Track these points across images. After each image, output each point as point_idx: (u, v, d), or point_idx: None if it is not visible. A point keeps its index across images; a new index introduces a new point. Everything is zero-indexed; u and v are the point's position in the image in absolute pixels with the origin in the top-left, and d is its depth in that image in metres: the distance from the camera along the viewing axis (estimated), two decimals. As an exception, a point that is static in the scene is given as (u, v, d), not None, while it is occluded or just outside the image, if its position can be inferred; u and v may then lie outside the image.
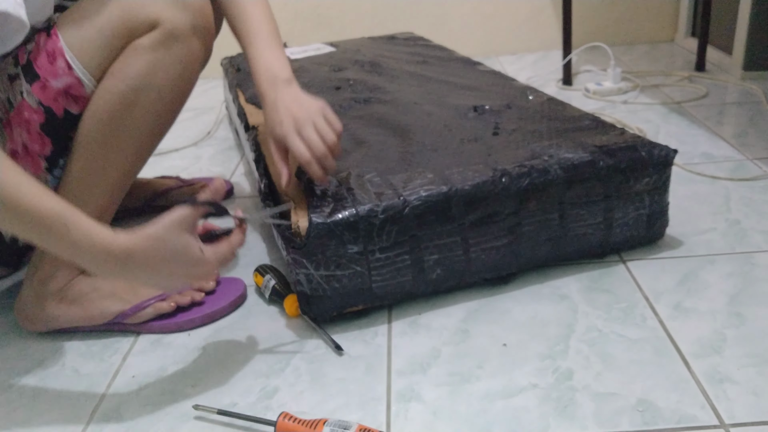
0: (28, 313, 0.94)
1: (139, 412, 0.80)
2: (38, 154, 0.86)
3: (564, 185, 0.93)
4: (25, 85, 0.84)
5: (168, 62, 0.86)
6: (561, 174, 0.92)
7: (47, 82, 0.84)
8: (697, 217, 1.12)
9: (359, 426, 0.71)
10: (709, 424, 0.71)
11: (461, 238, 0.90)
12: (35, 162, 0.86)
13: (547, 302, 0.93)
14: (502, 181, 0.90)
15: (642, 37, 2.36)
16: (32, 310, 0.93)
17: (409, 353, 0.85)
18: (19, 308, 0.95)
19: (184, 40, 0.86)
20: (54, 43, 0.84)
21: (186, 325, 0.94)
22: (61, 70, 0.84)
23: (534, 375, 0.79)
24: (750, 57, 1.82)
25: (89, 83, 0.85)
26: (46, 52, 0.84)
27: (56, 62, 0.84)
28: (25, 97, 0.84)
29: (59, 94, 0.85)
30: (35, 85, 0.84)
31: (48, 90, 0.84)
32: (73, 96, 0.85)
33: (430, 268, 0.91)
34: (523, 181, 0.91)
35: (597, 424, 0.72)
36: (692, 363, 0.79)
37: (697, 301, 0.90)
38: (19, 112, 0.84)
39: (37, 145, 0.86)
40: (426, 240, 0.89)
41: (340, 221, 0.85)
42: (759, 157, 1.32)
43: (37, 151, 0.86)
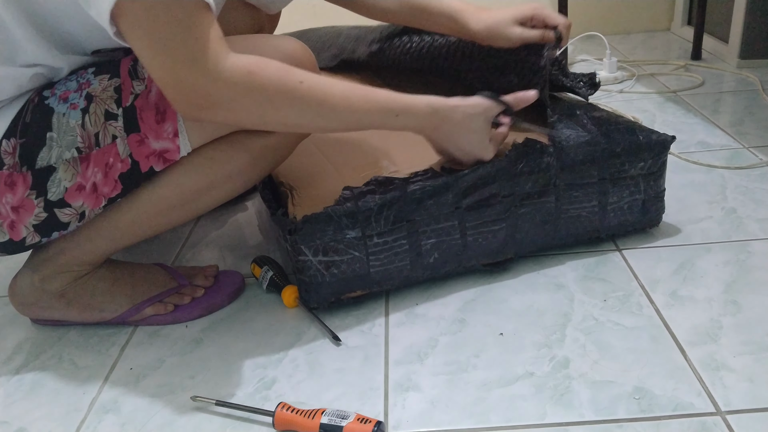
0: (26, 301, 0.92)
1: (138, 403, 0.80)
2: (105, 195, 0.81)
3: (559, 166, 0.93)
4: (122, 132, 0.78)
5: (267, 163, 0.89)
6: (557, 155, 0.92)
7: (146, 139, 0.79)
8: (693, 205, 1.12)
9: (357, 415, 0.71)
10: (705, 411, 0.71)
11: (458, 222, 0.90)
12: (97, 200, 0.81)
13: (544, 291, 0.93)
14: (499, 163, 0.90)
15: (638, 26, 2.35)
16: (30, 299, 0.92)
17: (407, 343, 0.86)
18: (14, 293, 0.93)
19: (292, 143, 0.90)
20: (167, 102, 0.78)
21: (184, 317, 0.94)
22: (166, 134, 0.79)
23: (531, 363, 0.80)
24: (746, 45, 1.81)
25: (185, 152, 0.82)
26: (156, 107, 0.78)
27: (164, 125, 0.79)
28: (117, 144, 0.79)
29: (153, 154, 0.80)
30: (133, 136, 0.79)
31: (144, 147, 0.79)
32: (165, 158, 0.81)
33: (428, 253, 0.91)
34: (519, 163, 0.91)
35: (593, 412, 0.72)
36: (688, 351, 0.80)
37: (693, 289, 0.91)
38: (104, 154, 0.79)
39: (108, 189, 0.81)
40: (423, 224, 0.89)
41: (338, 207, 0.85)
42: (755, 146, 1.32)
43: (104, 194, 0.81)
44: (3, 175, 0.78)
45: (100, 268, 0.92)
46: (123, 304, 0.92)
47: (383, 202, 0.86)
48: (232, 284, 0.98)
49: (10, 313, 1.00)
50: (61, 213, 0.81)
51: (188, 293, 0.95)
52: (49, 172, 0.78)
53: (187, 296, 0.95)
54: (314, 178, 0.94)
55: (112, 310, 0.92)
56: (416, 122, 0.85)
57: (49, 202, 0.79)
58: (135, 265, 0.97)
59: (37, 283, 0.91)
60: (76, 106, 0.77)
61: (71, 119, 0.77)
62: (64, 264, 0.89)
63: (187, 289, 0.95)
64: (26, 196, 0.78)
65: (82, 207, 0.81)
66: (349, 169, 0.96)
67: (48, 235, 0.83)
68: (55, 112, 0.77)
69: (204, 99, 0.70)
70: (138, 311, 0.92)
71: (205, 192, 0.86)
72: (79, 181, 0.79)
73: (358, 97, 0.80)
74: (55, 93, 0.78)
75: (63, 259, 0.89)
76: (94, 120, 0.78)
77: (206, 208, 0.89)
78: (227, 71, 0.70)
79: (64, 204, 0.80)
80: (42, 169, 0.78)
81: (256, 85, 0.72)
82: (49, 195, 0.79)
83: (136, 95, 0.79)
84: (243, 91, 0.71)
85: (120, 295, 0.92)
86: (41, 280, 0.91)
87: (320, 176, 0.95)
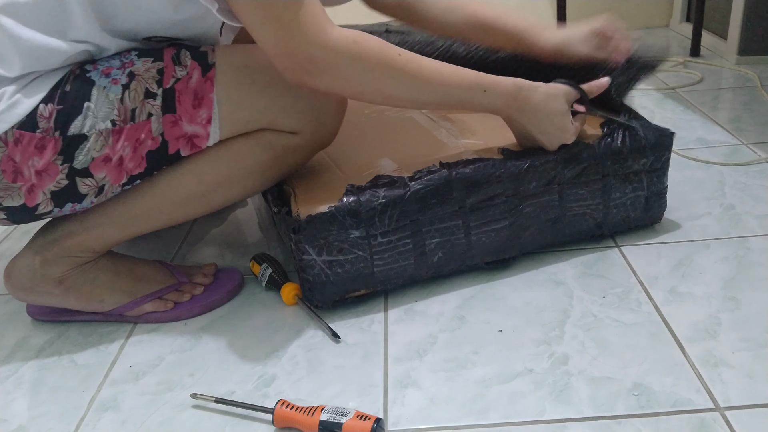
0: (24, 285, 0.91)
1: (137, 401, 0.80)
2: (128, 171, 0.83)
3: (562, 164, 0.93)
4: (158, 110, 0.81)
5: (289, 163, 0.92)
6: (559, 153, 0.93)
7: (180, 121, 0.82)
8: (691, 202, 1.12)
9: (356, 412, 0.71)
10: (704, 407, 0.71)
11: (462, 221, 0.90)
12: (120, 175, 0.82)
13: (543, 288, 0.93)
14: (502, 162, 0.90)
15: (637, 22, 2.35)
16: (28, 283, 0.90)
17: (406, 340, 0.86)
18: (12, 275, 0.91)
19: (312, 150, 0.92)
20: (206, 90, 0.82)
21: (183, 314, 0.94)
22: (200, 119, 0.83)
23: (530, 360, 0.80)
24: (745, 42, 1.81)
25: (213, 142, 0.85)
26: (194, 93, 0.82)
27: (200, 110, 0.82)
28: (152, 121, 0.81)
29: (183, 137, 0.83)
30: (168, 116, 0.81)
31: (177, 128, 0.82)
32: (193, 143, 0.84)
33: (432, 252, 0.91)
34: (523, 163, 0.91)
35: (592, 408, 0.72)
36: (687, 347, 0.80)
37: (692, 285, 0.91)
38: (137, 130, 0.81)
39: (133, 165, 0.82)
40: (427, 224, 0.89)
41: (342, 206, 0.85)
42: (754, 142, 1.32)
43: (128, 169, 0.83)
44: (35, 138, 0.78)
45: (102, 258, 0.92)
46: (123, 297, 0.92)
47: (387, 201, 0.86)
48: (231, 282, 0.98)
49: (10, 311, 1.00)
50: (82, 183, 0.82)
51: (188, 290, 0.95)
52: (80, 140, 0.79)
53: (186, 293, 0.95)
54: (317, 177, 0.94)
55: (111, 302, 0.92)
56: (502, 100, 0.89)
57: (74, 169, 0.81)
58: (136, 260, 0.97)
59: (38, 266, 0.89)
60: (117, 82, 0.80)
61: (111, 93, 0.79)
62: (69, 248, 0.89)
63: (187, 287, 0.95)
64: (53, 160, 0.79)
65: (103, 180, 0.82)
66: (352, 167, 0.96)
67: (61, 206, 0.83)
68: (96, 85, 0.79)
69: (313, 65, 0.77)
70: (137, 306, 0.92)
71: (224, 184, 0.88)
72: (107, 152, 0.81)
73: (450, 73, 0.85)
74: (98, 68, 0.80)
75: (69, 243, 0.89)
76: (133, 96, 0.80)
77: (220, 203, 0.91)
78: (334, 40, 0.77)
79: (87, 174, 0.81)
80: (74, 136, 0.79)
81: (361, 54, 0.78)
82: (75, 162, 0.80)
83: (177, 79, 0.81)
84: (348, 59, 0.78)
85: (120, 288, 0.93)
86: (42, 264, 0.89)
87: (323, 175, 0.95)
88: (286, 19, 0.74)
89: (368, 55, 0.79)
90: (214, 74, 0.83)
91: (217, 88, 0.83)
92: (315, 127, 0.89)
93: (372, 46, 0.79)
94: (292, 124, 0.87)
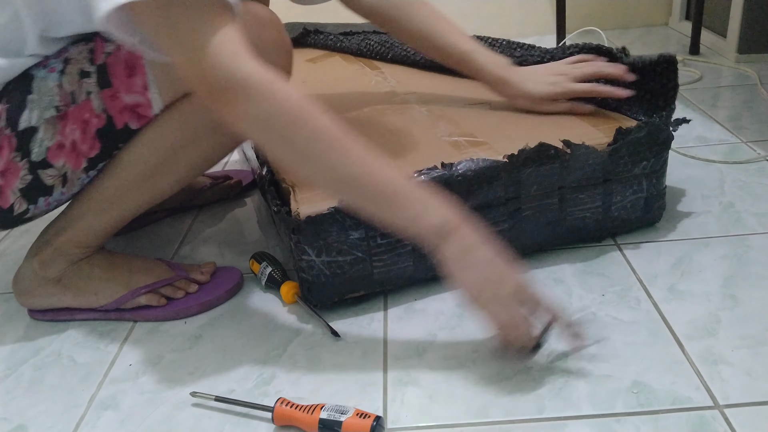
0: (25, 289, 0.94)
1: (137, 400, 0.80)
2: (84, 154, 0.85)
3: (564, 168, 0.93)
4: (95, 87, 0.82)
5: None
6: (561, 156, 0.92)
7: (118, 94, 0.82)
8: (691, 200, 1.12)
9: (356, 410, 0.71)
10: (703, 405, 0.71)
11: None
12: (78, 160, 0.85)
13: (542, 286, 0.93)
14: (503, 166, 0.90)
15: (636, 20, 2.35)
16: (29, 287, 0.94)
17: (405, 338, 0.86)
18: (17, 282, 0.95)
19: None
20: (136, 57, 0.82)
21: (182, 313, 0.94)
22: (137, 87, 0.83)
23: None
24: (744, 40, 1.81)
25: (158, 107, 0.84)
26: (125, 62, 0.82)
27: (134, 78, 0.82)
28: (91, 98, 0.82)
29: (126, 108, 0.83)
30: (105, 91, 0.82)
31: (116, 101, 0.83)
32: (138, 114, 0.84)
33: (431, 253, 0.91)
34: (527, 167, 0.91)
35: (592, 406, 0.72)
36: (686, 345, 0.80)
37: (692, 283, 0.91)
38: (80, 111, 0.82)
39: (86, 147, 0.84)
40: None
41: (342, 207, 0.85)
42: (753, 140, 1.32)
43: (84, 152, 0.84)
44: None
45: (97, 254, 0.94)
46: (118, 289, 0.93)
47: None
48: (230, 280, 0.99)
49: (10, 310, 1.00)
50: (45, 174, 0.84)
51: (182, 287, 0.95)
52: (31, 132, 0.81)
53: (180, 290, 0.95)
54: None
55: (106, 295, 0.93)
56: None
57: (33, 163, 0.83)
58: (133, 255, 0.99)
59: (37, 269, 0.92)
60: (54, 69, 0.82)
61: (50, 81, 0.81)
62: (62, 246, 0.91)
63: (182, 282, 0.95)
64: (12, 158, 0.82)
65: (64, 167, 0.84)
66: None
67: (34, 202, 0.86)
68: (36, 77, 0.82)
69: (221, 94, 0.69)
70: (133, 297, 0.93)
71: (181, 150, 0.88)
72: (59, 139, 0.82)
73: (377, 165, 0.72)
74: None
75: (60, 241, 0.91)
76: (69, 79, 0.82)
77: (188, 171, 0.91)
78: (246, 70, 0.68)
79: (46, 164, 0.83)
80: (25, 130, 0.81)
81: (275, 95, 0.69)
82: (32, 156, 0.82)
83: (108, 53, 0.82)
84: (259, 95, 0.69)
85: (115, 281, 0.93)
86: (40, 265, 0.92)
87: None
88: (194, 42, 0.68)
89: (283, 98, 0.69)
90: None
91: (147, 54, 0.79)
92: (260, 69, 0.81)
93: (293, 94, 0.70)
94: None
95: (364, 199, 0.73)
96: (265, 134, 0.71)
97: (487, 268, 0.72)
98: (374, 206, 0.73)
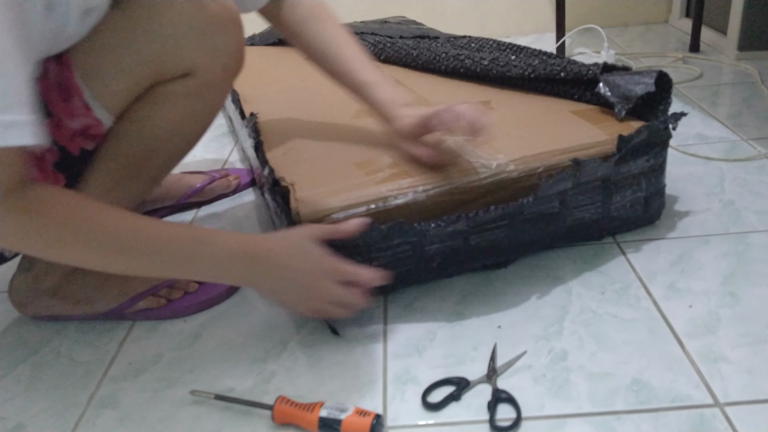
0: (21, 301, 0.94)
1: (136, 398, 0.80)
2: None
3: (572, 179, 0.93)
4: None
5: (200, 110, 0.84)
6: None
7: (61, 122, 0.77)
8: (691, 198, 1.12)
9: (356, 408, 0.71)
10: (703, 403, 0.71)
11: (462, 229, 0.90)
12: None
13: (542, 284, 0.93)
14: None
15: (636, 18, 2.35)
16: (25, 299, 0.94)
17: (405, 336, 0.86)
18: (12, 292, 0.95)
19: (218, 86, 0.83)
20: (68, 78, 0.75)
21: (182, 311, 0.94)
22: (78, 110, 0.77)
23: (529, 356, 0.80)
24: (745, 37, 1.81)
25: (109, 122, 0.80)
26: (58, 86, 0.75)
27: (72, 101, 0.76)
28: None
29: (76, 134, 0.78)
30: (48, 123, 0.76)
31: (63, 130, 0.77)
32: (91, 135, 0.79)
33: (431, 258, 0.91)
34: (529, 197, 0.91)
35: (591, 403, 0.72)
36: (686, 343, 0.80)
37: (691, 281, 0.91)
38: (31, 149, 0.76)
39: (51, 181, 0.80)
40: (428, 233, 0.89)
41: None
42: (753, 138, 1.32)
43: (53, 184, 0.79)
44: None
45: None
46: (115, 297, 0.92)
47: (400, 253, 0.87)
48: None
49: (9, 309, 0.99)
50: None
51: (181, 287, 0.95)
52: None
53: (179, 290, 0.95)
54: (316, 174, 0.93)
55: (104, 303, 0.93)
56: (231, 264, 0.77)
57: None
58: None
59: (31, 282, 0.92)
60: None
61: None
62: None
63: (180, 283, 0.95)
64: None
65: None
66: (351, 164, 0.95)
67: None
68: None
69: None
70: (133, 303, 0.92)
71: (147, 158, 0.83)
72: None
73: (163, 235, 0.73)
74: None
75: None
76: None
77: (159, 173, 0.88)
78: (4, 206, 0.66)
79: None
80: None
81: (35, 224, 0.68)
82: None
83: (36, 79, 0.75)
84: (15, 229, 0.67)
85: (112, 289, 0.93)
86: (34, 279, 0.92)
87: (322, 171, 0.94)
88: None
89: (41, 225, 0.68)
90: (68, 57, 0.76)
91: (76, 69, 0.76)
92: (206, 57, 0.80)
93: (54, 216, 0.68)
94: (176, 66, 0.79)
95: (173, 271, 0.77)
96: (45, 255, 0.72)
97: (297, 289, 0.78)
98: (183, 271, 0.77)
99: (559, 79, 1.09)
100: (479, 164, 0.90)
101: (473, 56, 1.23)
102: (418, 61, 1.36)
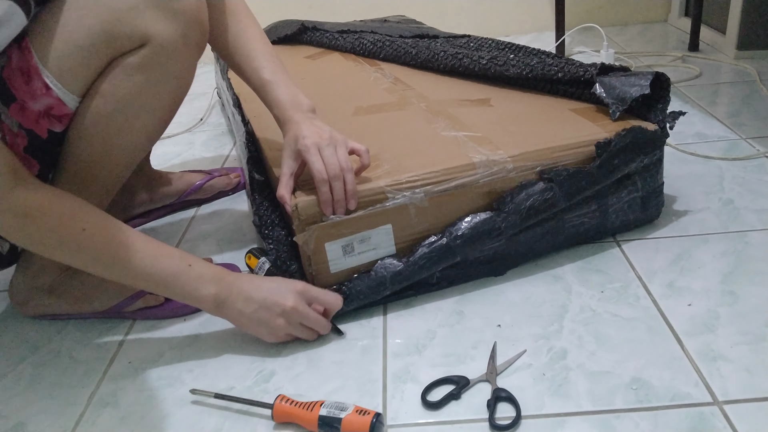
0: (21, 300, 0.95)
1: (136, 397, 0.80)
2: None
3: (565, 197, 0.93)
4: (1, 107, 0.77)
5: (161, 80, 0.81)
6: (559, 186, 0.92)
7: (25, 104, 0.77)
8: (690, 196, 1.12)
9: (356, 407, 0.71)
10: (702, 401, 0.71)
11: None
12: None
13: (541, 283, 0.93)
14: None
15: (635, 17, 2.35)
16: (24, 298, 0.94)
17: (405, 335, 0.86)
18: (12, 292, 0.95)
19: (178, 54, 0.81)
20: (27, 60, 0.76)
21: (182, 310, 0.94)
22: (39, 90, 0.77)
23: (528, 355, 0.80)
24: (744, 36, 1.81)
25: (72, 101, 0.79)
26: (20, 70, 0.76)
27: (32, 82, 0.76)
28: (4, 120, 0.77)
29: (40, 116, 0.78)
30: (13, 107, 0.77)
31: (27, 112, 0.78)
32: (56, 116, 0.79)
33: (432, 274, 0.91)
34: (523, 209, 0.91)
35: (591, 402, 0.72)
36: (685, 341, 0.80)
37: (691, 280, 0.91)
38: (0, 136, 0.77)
39: (26, 166, 0.78)
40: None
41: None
42: (752, 137, 1.32)
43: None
44: None
45: None
46: (113, 295, 0.93)
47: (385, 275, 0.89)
48: (229, 277, 0.99)
49: (9, 308, 1.00)
50: None
51: None
52: None
53: None
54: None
55: (102, 301, 0.93)
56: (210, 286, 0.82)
57: None
58: None
59: (29, 281, 0.93)
60: None
61: None
62: None
63: None
64: None
65: None
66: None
67: None
68: None
69: None
70: (131, 302, 0.93)
71: (116, 134, 0.83)
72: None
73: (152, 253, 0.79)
74: None
75: None
76: None
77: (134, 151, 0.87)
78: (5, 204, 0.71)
79: None
80: None
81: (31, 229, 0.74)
82: None
83: (2, 67, 0.76)
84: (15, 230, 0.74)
85: (109, 287, 0.93)
86: (32, 277, 0.92)
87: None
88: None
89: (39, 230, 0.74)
90: (27, 41, 0.76)
91: (35, 51, 0.75)
92: (160, 26, 0.78)
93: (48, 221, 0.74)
94: (130, 38, 0.77)
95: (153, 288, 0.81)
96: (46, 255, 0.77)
97: (260, 320, 0.82)
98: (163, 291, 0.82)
99: (557, 79, 1.09)
100: (478, 161, 0.90)
101: (472, 55, 1.23)
102: (417, 60, 1.36)
